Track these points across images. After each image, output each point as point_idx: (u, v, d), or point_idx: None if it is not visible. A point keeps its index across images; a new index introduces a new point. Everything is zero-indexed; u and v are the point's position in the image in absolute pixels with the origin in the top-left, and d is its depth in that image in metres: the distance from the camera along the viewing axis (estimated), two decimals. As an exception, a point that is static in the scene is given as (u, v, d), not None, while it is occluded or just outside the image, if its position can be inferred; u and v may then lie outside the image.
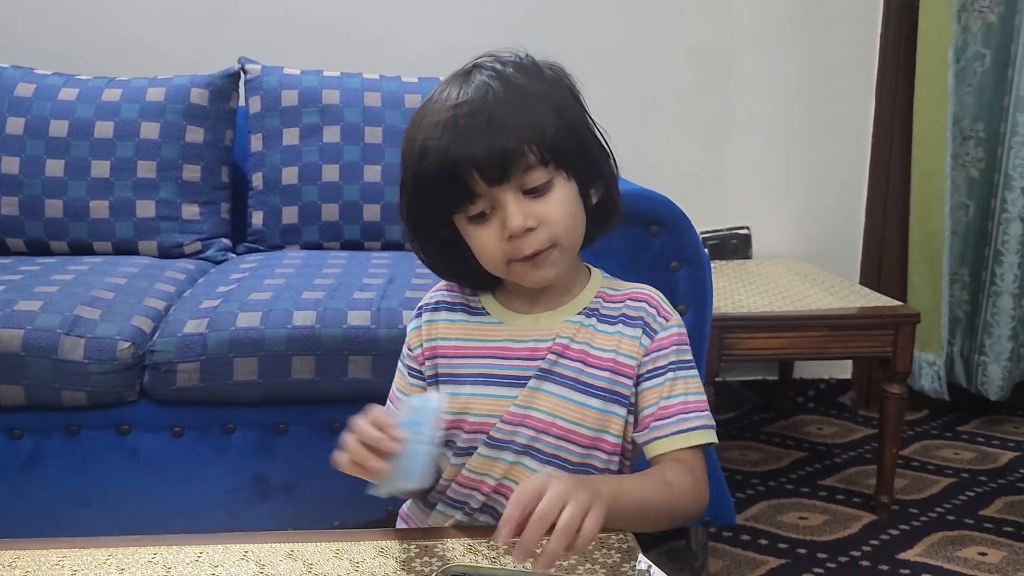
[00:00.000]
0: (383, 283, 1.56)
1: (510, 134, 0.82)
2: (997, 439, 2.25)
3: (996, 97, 2.22)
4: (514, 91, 0.85)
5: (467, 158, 0.82)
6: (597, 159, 0.90)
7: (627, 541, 0.86)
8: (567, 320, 0.92)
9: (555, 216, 0.85)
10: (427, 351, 0.94)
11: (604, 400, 0.90)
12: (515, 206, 0.84)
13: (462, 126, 0.82)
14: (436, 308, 0.96)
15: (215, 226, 1.90)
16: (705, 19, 2.30)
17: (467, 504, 0.93)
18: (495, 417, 0.90)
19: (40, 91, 1.87)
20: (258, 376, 1.41)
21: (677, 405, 0.90)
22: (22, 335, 1.37)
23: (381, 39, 2.21)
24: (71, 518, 1.41)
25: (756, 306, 1.79)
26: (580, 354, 0.91)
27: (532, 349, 0.91)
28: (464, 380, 0.92)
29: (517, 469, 0.91)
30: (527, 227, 0.84)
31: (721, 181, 2.37)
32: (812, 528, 1.79)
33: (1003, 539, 1.74)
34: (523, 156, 0.83)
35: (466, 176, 0.83)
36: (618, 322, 0.92)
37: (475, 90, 0.84)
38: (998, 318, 2.24)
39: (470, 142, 0.82)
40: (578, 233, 0.89)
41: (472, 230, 0.87)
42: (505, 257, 0.86)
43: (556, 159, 0.85)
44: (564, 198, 0.86)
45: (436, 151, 0.83)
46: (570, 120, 0.87)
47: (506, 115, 0.83)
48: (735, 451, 2.16)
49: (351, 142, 1.91)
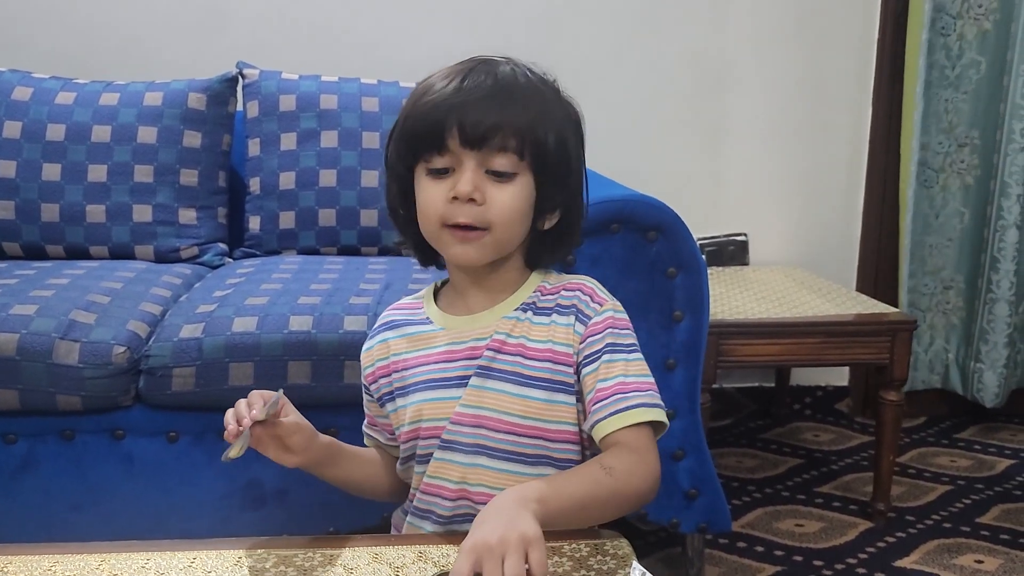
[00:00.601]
0: (380, 288, 1.55)
1: (504, 112, 0.86)
2: (994, 446, 2.25)
3: (992, 104, 2.23)
4: (530, 85, 0.89)
5: (456, 113, 0.86)
6: (571, 187, 0.93)
7: (622, 548, 0.86)
8: (504, 316, 0.93)
9: (501, 205, 0.88)
10: (379, 370, 0.98)
11: (547, 390, 0.91)
12: (471, 174, 0.87)
13: (469, 89, 0.86)
14: (385, 328, 0.99)
15: (212, 231, 1.90)
16: (701, 25, 2.30)
17: (433, 512, 0.93)
18: (445, 420, 0.91)
19: (37, 95, 1.87)
20: (254, 381, 1.40)
21: (613, 386, 0.89)
22: (17, 339, 1.37)
23: (379, 44, 2.21)
24: (64, 523, 1.41)
25: (753, 313, 1.79)
26: (518, 348, 0.92)
27: (472, 348, 0.92)
28: (414, 389, 0.94)
29: (476, 472, 0.91)
30: (471, 197, 0.86)
31: (718, 187, 2.37)
32: (808, 535, 1.78)
33: (999, 547, 1.74)
34: (504, 136, 0.86)
35: (446, 126, 0.86)
36: (552, 312, 0.93)
37: (496, 65, 0.89)
38: (994, 325, 2.25)
39: (466, 103, 0.86)
40: (514, 234, 0.91)
41: (426, 183, 0.90)
42: (441, 219, 0.89)
43: (532, 158, 0.88)
44: (519, 195, 0.88)
45: (436, 94, 0.87)
46: (564, 142, 0.91)
47: (512, 97, 0.87)
48: (732, 458, 2.16)
49: (349, 147, 1.91)
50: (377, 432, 1.03)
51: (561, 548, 0.85)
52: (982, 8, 2.20)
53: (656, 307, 1.41)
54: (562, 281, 0.96)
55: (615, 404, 0.88)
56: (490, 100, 0.86)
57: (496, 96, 0.86)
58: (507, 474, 0.91)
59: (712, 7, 2.30)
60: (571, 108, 0.94)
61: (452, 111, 0.86)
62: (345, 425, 1.41)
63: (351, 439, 1.06)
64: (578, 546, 0.86)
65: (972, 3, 2.20)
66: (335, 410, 1.42)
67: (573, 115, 0.94)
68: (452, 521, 0.93)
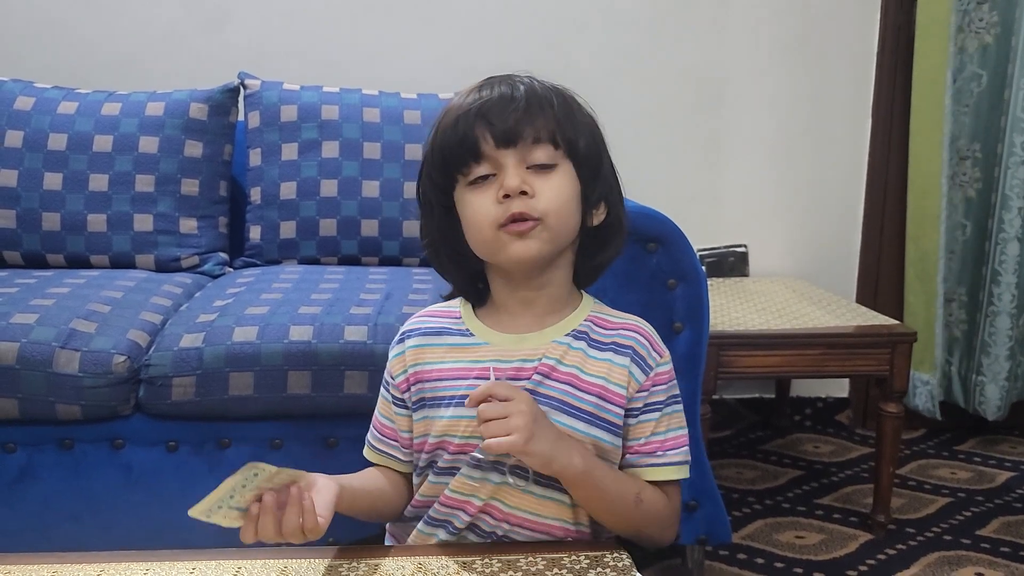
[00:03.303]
0: (380, 298, 1.56)
1: (531, 109, 0.87)
2: (994, 459, 2.25)
3: (993, 117, 2.23)
4: (550, 90, 0.91)
5: (484, 118, 0.87)
6: (609, 177, 0.94)
7: (621, 560, 0.86)
8: (554, 340, 0.92)
9: (550, 194, 0.87)
10: (411, 377, 0.94)
11: (588, 424, 0.90)
12: (515, 169, 0.87)
13: (491, 97, 0.88)
14: (420, 334, 0.96)
15: (213, 240, 1.90)
16: (702, 42, 2.31)
17: (451, 523, 0.92)
18: (479, 439, 0.89)
19: (39, 104, 1.88)
20: (254, 391, 1.40)
21: (670, 440, 0.93)
22: (17, 348, 1.37)
23: (380, 55, 2.22)
24: (63, 532, 1.40)
25: (753, 324, 1.79)
26: (569, 376, 0.91)
27: (518, 369, 0.91)
28: (449, 403, 0.92)
29: (505, 490, 0.90)
30: (522, 189, 0.86)
31: (719, 199, 2.38)
32: (808, 547, 1.78)
33: (1000, 559, 1.74)
34: (536, 129, 0.87)
35: (477, 134, 0.86)
36: (608, 349, 0.92)
37: (515, 77, 0.91)
38: (996, 338, 2.25)
39: (491, 108, 0.87)
40: (568, 225, 0.90)
41: (469, 196, 0.89)
42: (495, 222, 0.87)
43: (568, 148, 0.89)
44: (564, 183, 0.89)
45: (459, 109, 0.89)
46: (593, 135, 0.92)
47: (536, 96, 0.88)
48: (732, 469, 2.15)
49: (350, 157, 1.91)
50: (397, 449, 0.97)
51: (561, 560, 0.85)
52: (983, 22, 2.21)
53: (656, 318, 1.39)
54: (617, 317, 0.96)
55: (669, 457, 0.93)
56: (515, 101, 0.87)
57: (520, 97, 0.88)
58: (543, 499, 0.90)
59: (712, 23, 2.30)
60: (592, 116, 0.95)
61: (480, 117, 0.87)
62: (345, 435, 1.41)
63: (352, 450, 1.04)
64: (578, 558, 0.86)
65: (973, 17, 2.21)
66: (334, 420, 1.43)
67: (594, 121, 0.95)
68: (468, 530, 0.92)
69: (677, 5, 2.29)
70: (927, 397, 2.28)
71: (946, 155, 2.20)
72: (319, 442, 1.44)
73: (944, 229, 2.24)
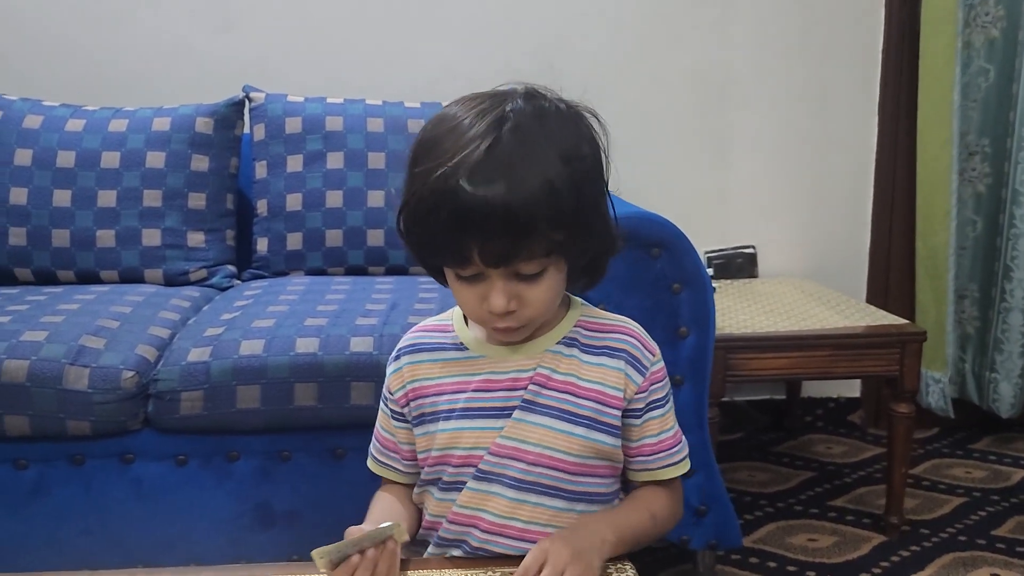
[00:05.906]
0: (386, 309, 1.56)
1: (522, 226, 0.78)
2: (1009, 457, 2.23)
3: (1001, 112, 2.21)
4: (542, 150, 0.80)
5: (474, 235, 0.79)
6: (598, 230, 0.87)
7: (624, 571, 0.85)
8: (547, 350, 0.92)
9: (537, 302, 0.86)
10: (409, 393, 0.95)
11: (588, 428, 0.91)
12: (502, 287, 0.83)
13: (478, 199, 0.77)
14: (415, 350, 0.96)
15: (220, 253, 1.91)
16: (706, 41, 2.30)
17: (466, 542, 0.92)
18: (482, 449, 0.90)
19: (48, 123, 1.89)
20: (261, 404, 1.41)
21: (670, 438, 0.95)
22: (27, 365, 1.38)
23: (384, 65, 2.23)
24: (75, 547, 1.41)
25: (761, 326, 1.78)
26: (566, 384, 0.91)
27: (513, 380, 0.91)
28: (449, 416, 0.92)
29: (525, 508, 0.90)
30: (508, 310, 0.84)
31: (726, 200, 2.37)
32: (821, 550, 1.77)
33: (1016, 560, 1.72)
34: (531, 251, 0.81)
35: (466, 250, 0.81)
36: (602, 353, 0.92)
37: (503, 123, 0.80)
38: (1008, 335, 2.22)
39: (482, 217, 0.78)
40: (555, 305, 0.90)
41: (457, 285, 0.87)
42: (479, 319, 0.89)
43: (559, 248, 0.83)
44: (552, 285, 0.86)
45: (447, 211, 0.79)
46: (583, 207, 0.83)
47: (525, 188, 0.78)
48: (743, 472, 2.14)
49: (355, 168, 1.92)
50: (397, 460, 0.98)
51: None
52: (989, 16, 2.19)
53: (661, 323, 1.41)
54: (603, 318, 0.95)
55: (673, 456, 0.95)
56: (505, 211, 0.77)
57: (511, 204, 0.77)
58: (556, 511, 0.91)
59: (716, 22, 2.30)
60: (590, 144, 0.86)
61: (468, 231, 0.79)
62: (351, 446, 1.42)
63: (359, 460, 1.04)
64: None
65: (979, 11, 2.19)
66: (342, 431, 1.43)
67: (592, 152, 0.86)
68: (482, 550, 0.92)
69: (681, 5, 2.28)
70: (940, 395, 2.26)
71: (955, 151, 2.19)
72: (327, 453, 1.44)
73: (954, 226, 2.22)
